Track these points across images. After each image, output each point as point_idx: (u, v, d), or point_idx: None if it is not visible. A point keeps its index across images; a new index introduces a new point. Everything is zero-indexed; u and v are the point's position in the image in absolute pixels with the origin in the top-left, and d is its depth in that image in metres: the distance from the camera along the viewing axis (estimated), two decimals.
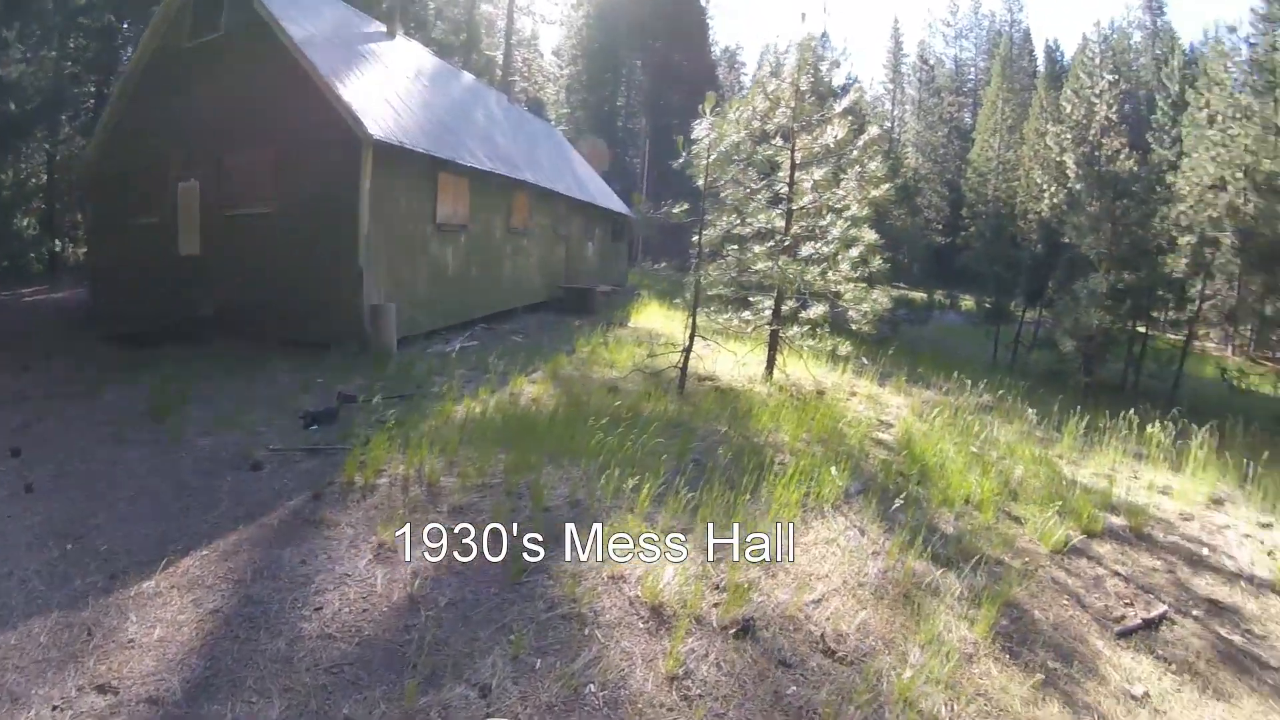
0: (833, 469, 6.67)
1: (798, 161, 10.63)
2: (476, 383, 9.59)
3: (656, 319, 17.64)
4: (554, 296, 19.78)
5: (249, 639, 3.96)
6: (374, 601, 4.34)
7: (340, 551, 4.91)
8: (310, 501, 5.73)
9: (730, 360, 11.72)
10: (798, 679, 3.93)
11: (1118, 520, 7.10)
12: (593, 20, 54.03)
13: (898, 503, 6.24)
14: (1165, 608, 5.40)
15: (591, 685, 3.66)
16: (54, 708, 3.43)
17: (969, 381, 12.80)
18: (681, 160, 9.86)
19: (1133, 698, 4.30)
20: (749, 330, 11.28)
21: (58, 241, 25.80)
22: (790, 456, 7.27)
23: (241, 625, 4.10)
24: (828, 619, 4.50)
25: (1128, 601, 5.47)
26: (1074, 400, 13.20)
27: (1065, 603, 5.32)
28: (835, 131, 10.18)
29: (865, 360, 13.48)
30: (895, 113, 68.60)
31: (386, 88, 13.39)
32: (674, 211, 9.78)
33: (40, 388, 9.95)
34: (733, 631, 4.17)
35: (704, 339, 10.77)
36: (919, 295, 31.46)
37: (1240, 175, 19.93)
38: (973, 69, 74.96)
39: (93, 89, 23.97)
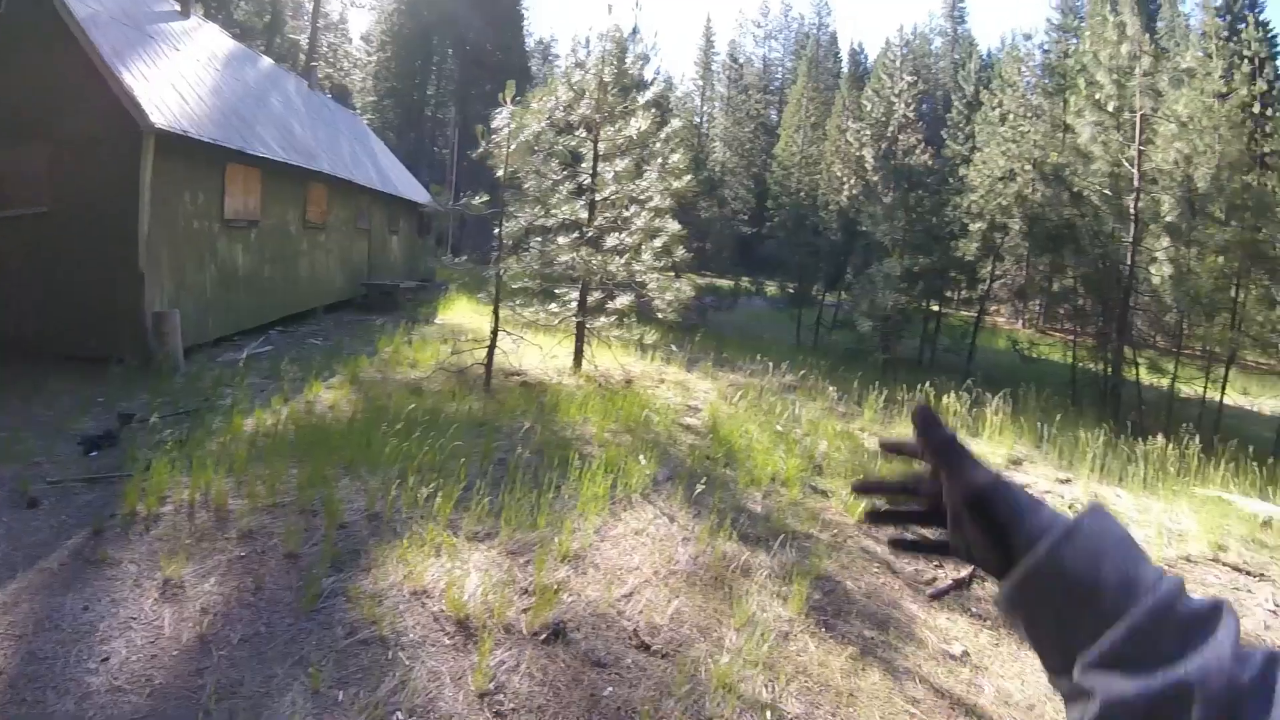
0: (641, 458, 6.73)
1: (601, 153, 10.66)
2: (270, 392, 8.91)
3: (465, 314, 17.30)
4: (357, 295, 18.75)
5: (37, 700, 3.56)
6: (163, 645, 3.92)
7: (124, 593, 4.40)
8: (91, 538, 5.10)
9: (538, 354, 11.63)
10: (614, 679, 3.87)
11: None
12: (404, 5, 52.03)
13: (705, 487, 6.33)
14: (974, 565, 5.72)
15: (399, 713, 3.44)
16: None
17: (773, 363, 13.31)
18: (481, 150, 9.59)
19: (952, 657, 4.53)
20: (556, 322, 11.23)
21: None
22: (598, 448, 7.26)
23: (27, 686, 3.65)
24: (640, 612, 4.48)
25: (937, 563, 5.79)
26: (874, 376, 14.04)
27: (876, 570, 5.57)
28: (639, 123, 10.26)
29: (674, 347, 13.77)
30: (705, 109, 70.53)
31: (174, 72, 12.14)
32: (474, 203, 9.51)
33: None
34: (543, 637, 4.05)
35: (510, 333, 10.56)
36: (726, 282, 32.45)
37: (1029, 167, 21.81)
38: (780, 68, 78.81)
39: None
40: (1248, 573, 6.44)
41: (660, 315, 11.32)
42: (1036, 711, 4.13)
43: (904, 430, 9.16)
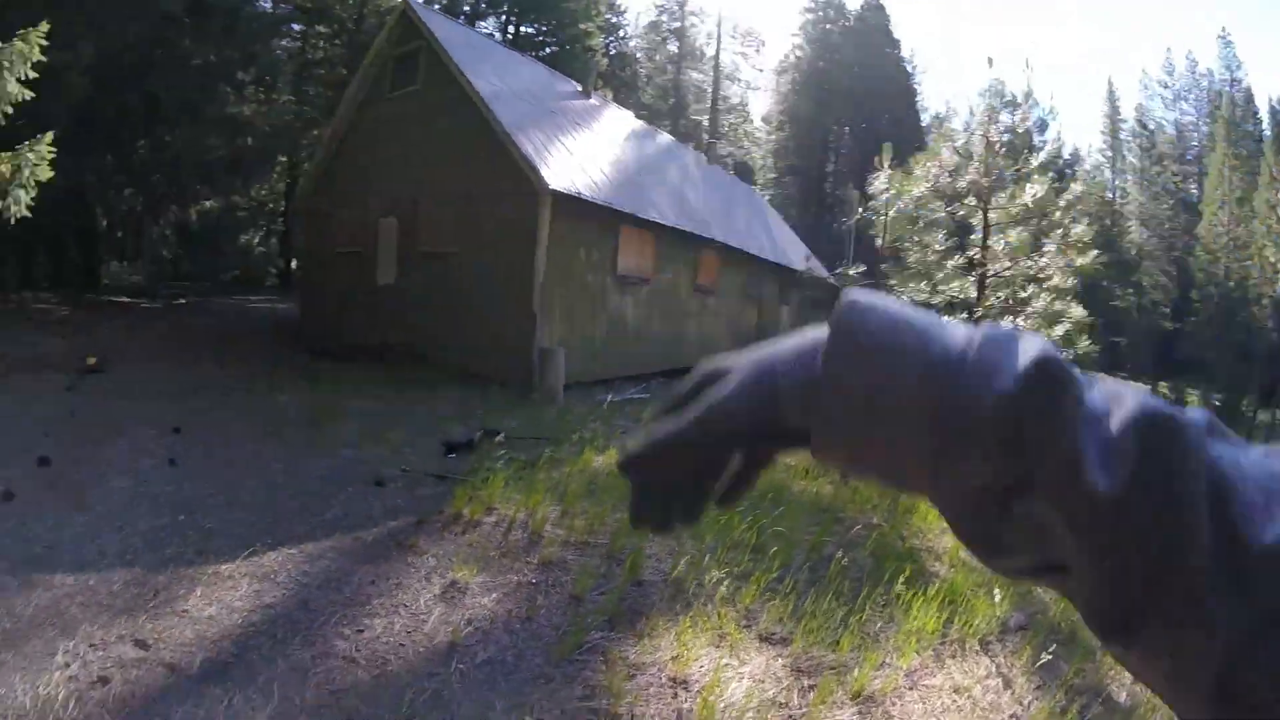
0: (995, 593, 5.42)
1: (992, 223, 9.45)
2: (630, 435, 9.04)
3: None
4: None
5: (283, 640, 3.91)
6: (416, 638, 4.02)
7: (412, 581, 4.65)
8: (411, 526, 5.55)
9: None
10: None
11: None
12: (799, 87, 53.53)
13: (1064, 650, 4.81)
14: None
15: None
16: (91, 645, 3.73)
17: None
18: (858, 217, 9.09)
19: None
20: None
21: (293, 261, 28.43)
22: (946, 568, 6.04)
23: (284, 626, 4.04)
24: None
25: None
26: None
27: None
28: (1034, 189, 8.99)
29: None
30: (1116, 182, 60.99)
31: (572, 142, 13.66)
32: (849, 274, 8.98)
33: (228, 381, 10.88)
34: None
35: None
36: (1140, 386, 28.51)
37: None
38: (1195, 134, 66.13)
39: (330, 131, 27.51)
40: None
41: None
42: None
43: None
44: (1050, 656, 4.65)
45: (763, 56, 75.25)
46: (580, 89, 17.87)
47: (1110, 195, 53.97)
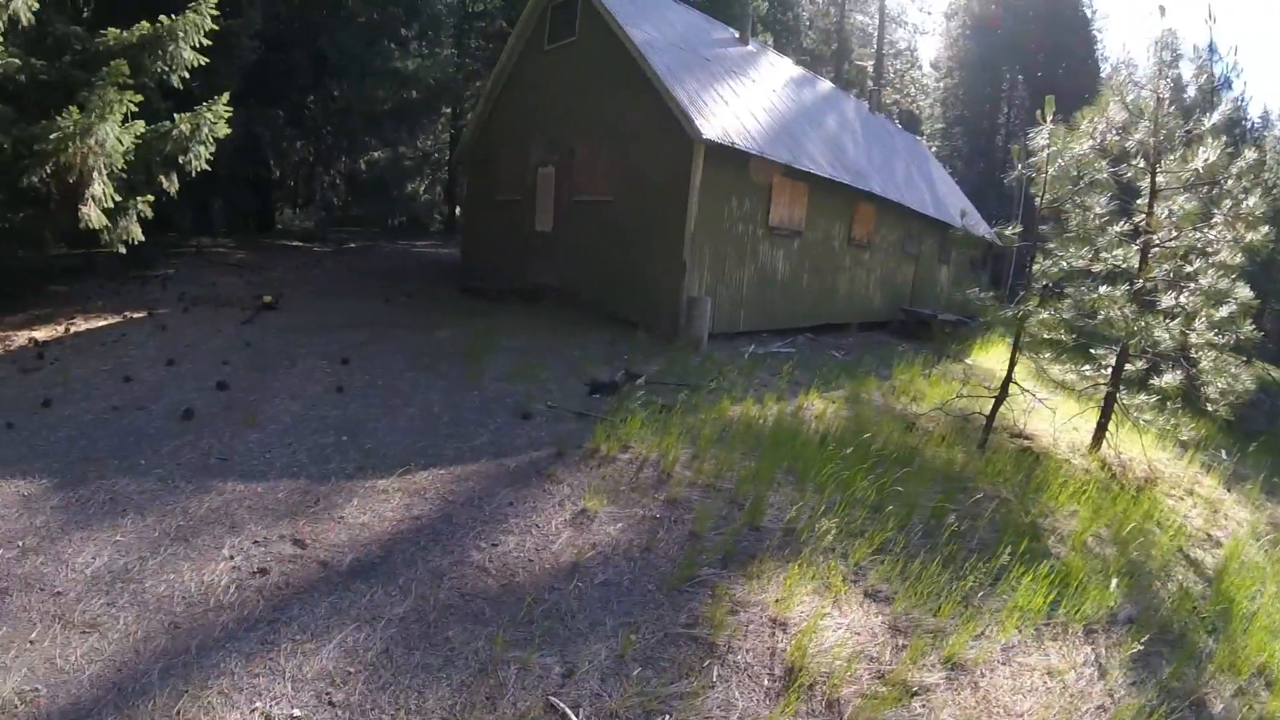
0: (1112, 581, 5.21)
1: (1159, 188, 8.53)
2: (769, 388, 9.09)
3: (1000, 360, 15.33)
4: (894, 318, 18.28)
5: (425, 547, 4.48)
6: (543, 556, 4.45)
7: (546, 505, 5.12)
8: (552, 456, 6.02)
9: (1054, 420, 9.64)
10: None
11: None
12: (969, 31, 49.88)
13: (1167, 650, 4.66)
14: None
15: (667, 717, 3.27)
16: (255, 542, 4.40)
17: None
18: (1016, 173, 8.57)
19: None
20: (1083, 387, 9.41)
21: (456, 208, 29.65)
22: (1068, 551, 5.79)
23: (427, 535, 4.62)
24: None
25: None
26: None
27: None
28: (1207, 153, 7.84)
29: (1223, 453, 10.57)
30: None
31: (727, 91, 13.57)
32: (1005, 233, 8.50)
33: (391, 318, 11.74)
34: None
35: (1026, 390, 8.94)
36: None
37: None
38: None
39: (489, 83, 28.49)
40: None
41: (1211, 407, 8.59)
42: None
43: None
44: (1150, 652, 4.53)
45: None
46: (737, 36, 17.65)
47: None
